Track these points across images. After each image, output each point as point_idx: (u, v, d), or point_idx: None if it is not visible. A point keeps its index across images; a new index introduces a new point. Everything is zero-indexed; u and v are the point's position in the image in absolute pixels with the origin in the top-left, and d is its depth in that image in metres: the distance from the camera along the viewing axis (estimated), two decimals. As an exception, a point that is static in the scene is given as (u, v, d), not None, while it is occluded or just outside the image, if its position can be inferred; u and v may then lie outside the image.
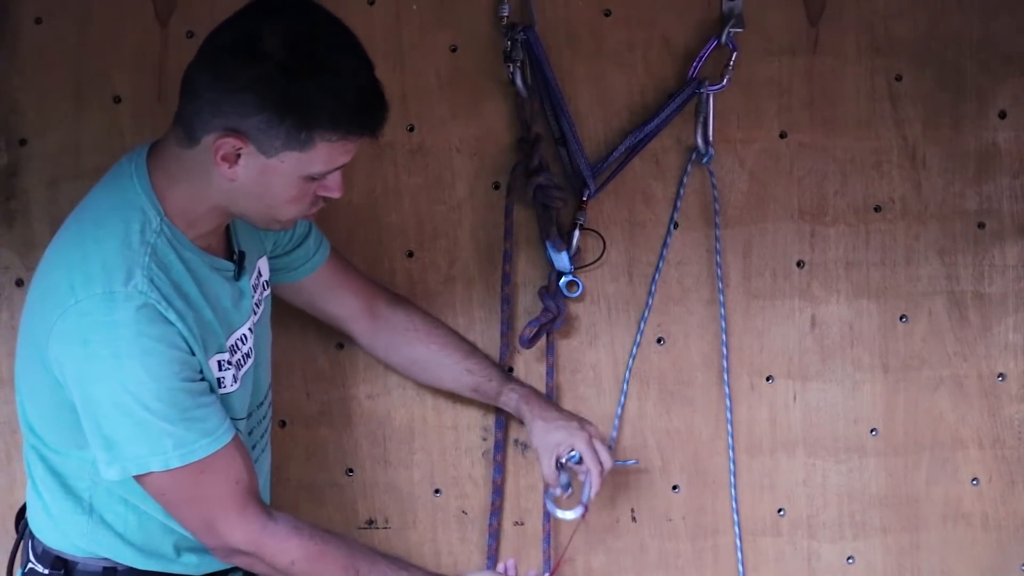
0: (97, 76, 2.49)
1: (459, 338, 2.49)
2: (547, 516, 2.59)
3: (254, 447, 2.23)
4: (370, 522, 2.61)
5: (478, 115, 2.56)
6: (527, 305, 2.59)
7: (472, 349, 2.49)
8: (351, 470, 2.60)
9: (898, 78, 2.62)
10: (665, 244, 2.59)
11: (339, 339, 2.56)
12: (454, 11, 2.53)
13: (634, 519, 2.63)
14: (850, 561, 2.68)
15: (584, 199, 2.54)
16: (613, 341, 2.62)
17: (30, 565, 2.13)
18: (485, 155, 2.58)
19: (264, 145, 1.88)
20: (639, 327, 2.60)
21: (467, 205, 2.58)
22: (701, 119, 2.54)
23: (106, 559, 2.08)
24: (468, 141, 2.57)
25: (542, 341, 2.57)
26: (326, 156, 1.91)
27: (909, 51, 2.62)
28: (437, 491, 2.62)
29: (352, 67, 1.89)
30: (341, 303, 2.42)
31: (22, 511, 2.22)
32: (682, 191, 2.57)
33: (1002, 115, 2.65)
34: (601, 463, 2.35)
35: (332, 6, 1.93)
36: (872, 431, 2.67)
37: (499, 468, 2.59)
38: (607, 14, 2.57)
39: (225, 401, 2.05)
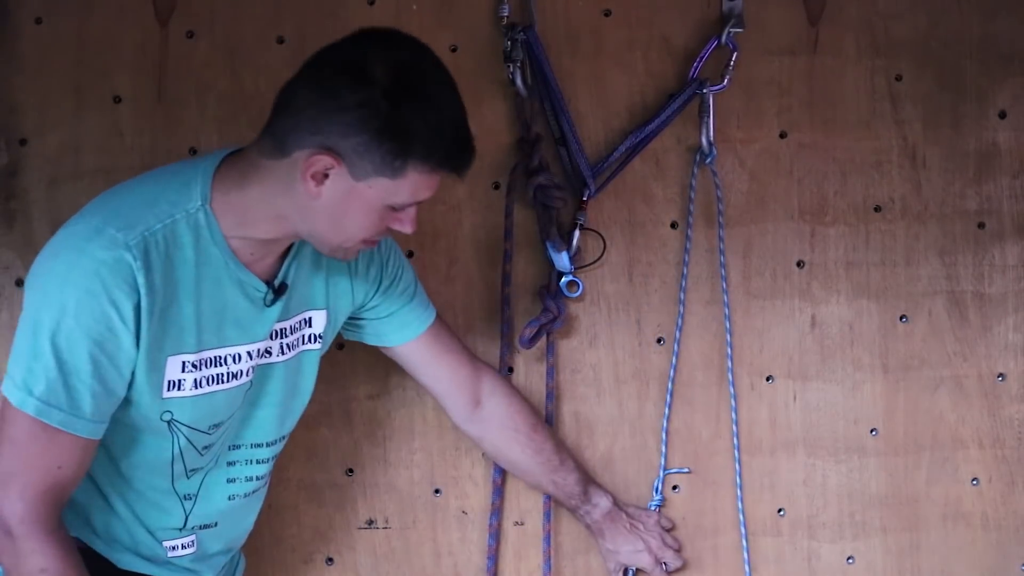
0: (97, 76, 2.49)
1: (553, 445, 2.49)
2: (547, 516, 2.59)
3: (231, 482, 2.19)
4: (370, 522, 2.61)
5: (478, 115, 2.55)
6: (527, 305, 2.59)
7: (562, 461, 2.49)
8: (351, 470, 2.60)
9: (898, 78, 2.62)
10: (686, 251, 2.58)
11: (339, 339, 2.56)
12: (454, 11, 2.53)
13: (634, 519, 2.63)
14: (850, 561, 2.68)
15: (584, 199, 2.54)
16: (613, 341, 2.62)
17: None
18: (485, 155, 2.56)
19: (357, 168, 1.91)
20: (676, 332, 2.61)
21: (467, 205, 2.58)
22: (706, 120, 2.54)
23: None
24: (468, 141, 2.56)
25: (542, 341, 2.57)
26: (412, 187, 1.95)
27: (909, 51, 2.62)
28: (437, 491, 2.62)
29: (452, 104, 1.96)
30: (437, 380, 2.42)
31: None
32: (692, 195, 2.57)
33: (1002, 115, 2.65)
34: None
35: (332, 6, 1.94)
36: (872, 431, 2.67)
37: (499, 468, 2.59)
38: (607, 14, 2.57)
39: (173, 404, 2.04)
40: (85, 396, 1.93)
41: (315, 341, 2.23)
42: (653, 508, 2.59)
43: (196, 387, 2.05)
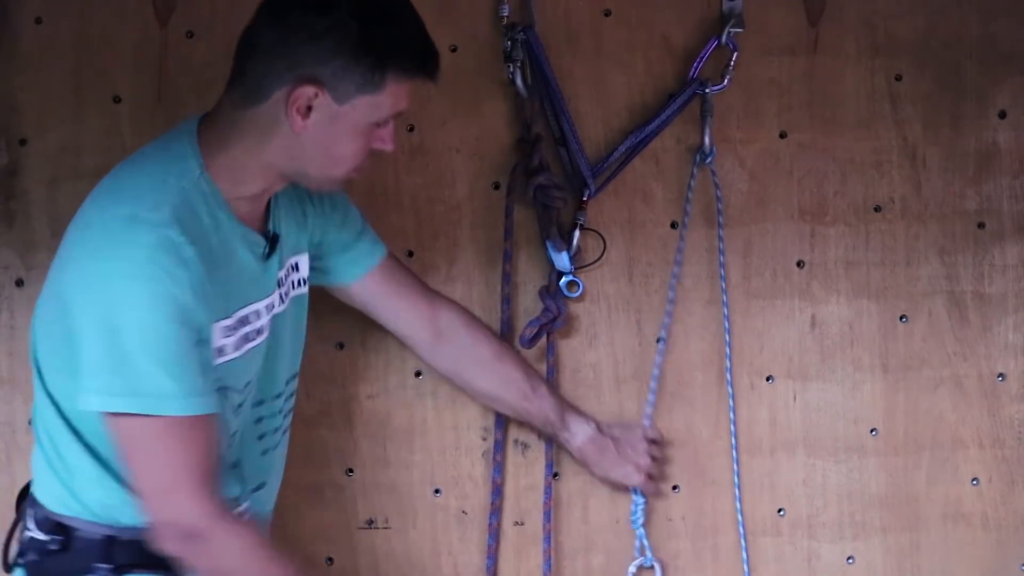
0: (97, 76, 2.49)
1: (522, 374, 2.49)
2: (547, 516, 2.59)
3: (262, 437, 2.22)
4: (370, 522, 2.61)
5: (478, 115, 2.56)
6: (527, 305, 2.59)
7: (534, 388, 2.49)
8: (351, 470, 2.60)
9: (898, 78, 2.62)
10: (679, 250, 2.58)
11: (339, 339, 2.56)
12: (454, 11, 2.53)
13: (634, 519, 2.64)
14: (850, 561, 2.68)
15: (584, 199, 2.54)
16: (613, 341, 2.62)
17: (28, 534, 2.10)
18: (485, 155, 2.58)
19: (339, 92, 1.96)
20: (661, 331, 2.60)
21: (467, 205, 2.58)
22: (706, 120, 2.54)
23: (108, 526, 2.05)
24: (468, 141, 2.57)
25: (542, 341, 2.57)
26: (393, 98, 2.01)
27: (909, 51, 2.62)
28: (437, 491, 2.62)
29: (413, 15, 2.03)
30: (396, 316, 2.42)
31: (22, 495, 2.19)
32: (691, 195, 2.57)
33: (1002, 115, 2.65)
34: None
35: (332, 6, 1.94)
36: (872, 431, 2.67)
37: (499, 468, 2.59)
38: (607, 14, 2.57)
39: (223, 370, 2.04)
40: (193, 375, 1.93)
41: (303, 284, 2.26)
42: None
43: (235, 350, 2.07)
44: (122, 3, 2.48)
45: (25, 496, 2.18)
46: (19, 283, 2.50)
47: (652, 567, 2.61)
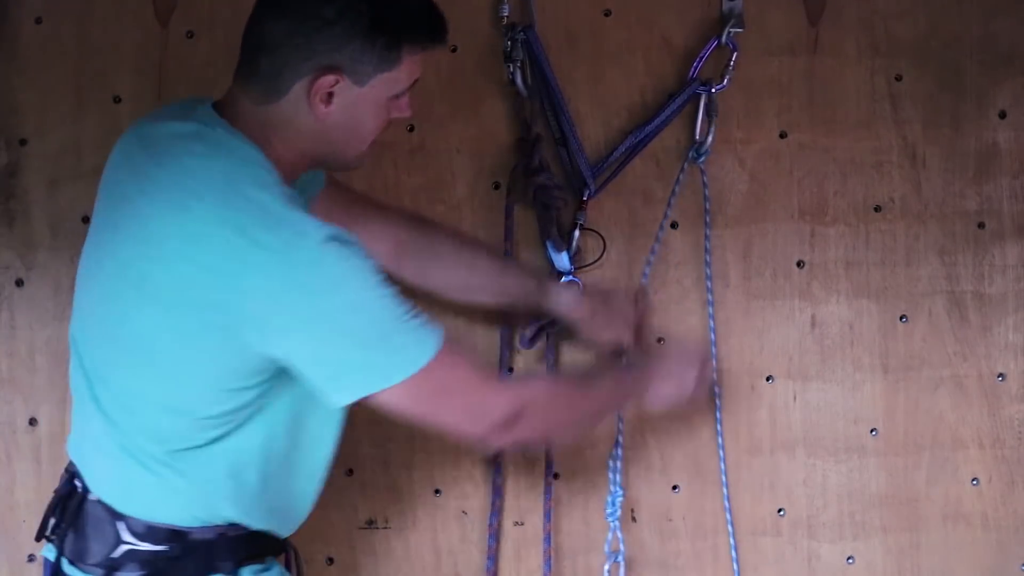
0: (97, 76, 2.49)
1: (489, 255, 2.49)
2: (547, 516, 2.59)
3: None
4: (370, 522, 2.61)
5: (478, 115, 2.56)
6: (527, 305, 2.60)
7: (505, 265, 2.50)
8: (351, 470, 2.60)
9: (898, 78, 2.62)
10: (657, 239, 2.58)
11: (339, 339, 2.56)
12: (454, 11, 2.51)
13: (634, 519, 2.63)
14: (850, 561, 2.68)
15: (584, 199, 2.55)
16: (613, 341, 2.62)
17: (126, 547, 2.02)
18: (485, 155, 2.58)
19: (358, 74, 1.97)
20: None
21: (467, 205, 2.58)
22: (708, 119, 2.54)
23: (218, 525, 2.03)
24: (468, 141, 2.57)
25: (542, 341, 2.57)
26: (409, 70, 2.02)
27: (909, 51, 2.62)
28: (437, 491, 2.62)
29: None
30: (354, 231, 2.40)
31: (43, 527, 2.11)
32: (677, 189, 2.57)
33: (1002, 115, 2.65)
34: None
35: (332, 6, 1.94)
36: (872, 431, 2.67)
37: (499, 468, 2.59)
38: (607, 14, 2.57)
39: None
40: (417, 311, 1.96)
41: None
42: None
43: None
44: (122, 3, 2.48)
45: (44, 523, 2.10)
46: (19, 283, 2.51)
47: (618, 563, 2.57)
